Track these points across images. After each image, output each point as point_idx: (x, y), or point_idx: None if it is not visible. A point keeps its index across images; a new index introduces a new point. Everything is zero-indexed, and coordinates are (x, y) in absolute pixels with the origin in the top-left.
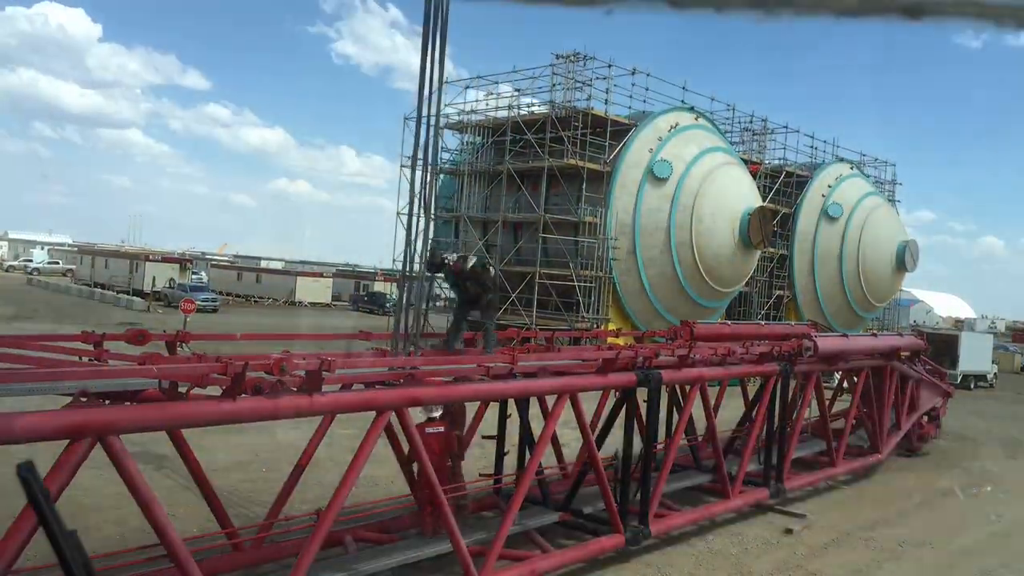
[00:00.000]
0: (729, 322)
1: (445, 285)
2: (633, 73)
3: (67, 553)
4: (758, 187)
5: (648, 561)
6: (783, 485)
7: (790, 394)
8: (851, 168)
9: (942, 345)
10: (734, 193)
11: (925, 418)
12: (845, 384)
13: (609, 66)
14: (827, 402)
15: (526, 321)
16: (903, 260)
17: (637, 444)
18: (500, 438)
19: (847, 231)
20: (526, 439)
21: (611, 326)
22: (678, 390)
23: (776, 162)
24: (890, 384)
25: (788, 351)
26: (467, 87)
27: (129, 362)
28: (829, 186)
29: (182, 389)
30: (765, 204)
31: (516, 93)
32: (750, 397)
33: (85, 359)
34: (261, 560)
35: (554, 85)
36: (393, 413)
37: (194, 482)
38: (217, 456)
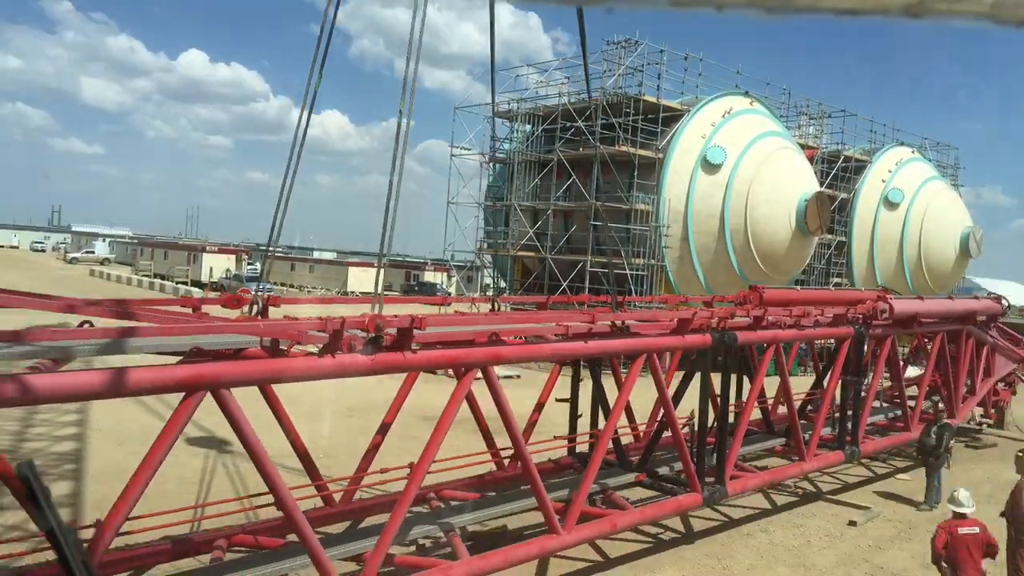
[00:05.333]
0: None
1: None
2: (686, 58)
3: (67, 552)
4: (816, 172)
5: (708, 552)
6: (858, 448)
7: (864, 357)
8: (912, 152)
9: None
10: (790, 179)
11: (1001, 384)
12: (918, 352)
13: (661, 51)
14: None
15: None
16: (967, 246)
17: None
18: (574, 400)
19: (908, 217)
20: (600, 400)
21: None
22: (750, 354)
23: (833, 147)
24: (965, 349)
25: (863, 313)
26: (517, 76)
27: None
28: (889, 171)
29: (283, 347)
30: (823, 189)
31: (567, 80)
32: (816, 363)
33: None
34: (352, 514)
35: (605, 71)
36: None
37: (288, 440)
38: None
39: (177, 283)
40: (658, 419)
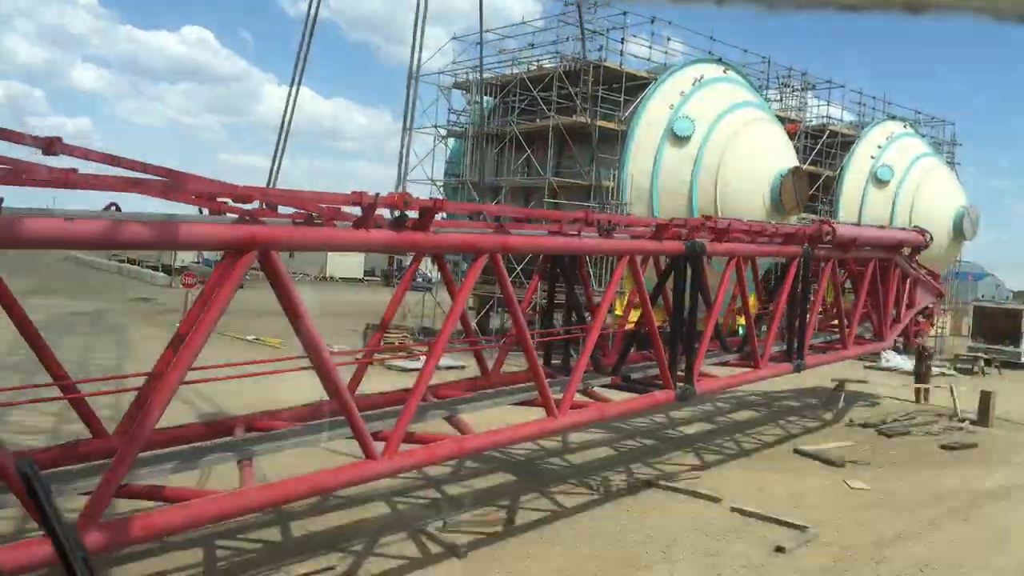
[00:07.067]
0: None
1: None
2: (652, 22)
3: (67, 549)
4: (798, 148)
5: None
6: (803, 361)
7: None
8: (904, 126)
9: (1004, 320)
10: (765, 153)
11: (921, 316)
12: (847, 285)
13: (624, 13)
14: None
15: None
16: (961, 227)
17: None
18: (550, 300)
19: (898, 196)
20: (573, 305)
21: (626, 297)
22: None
23: (819, 120)
24: (893, 278)
25: (811, 233)
26: (476, 43)
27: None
28: (879, 146)
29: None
30: (800, 165)
31: (528, 47)
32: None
33: None
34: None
35: (566, 37)
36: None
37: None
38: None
39: (145, 267)
40: (630, 323)
